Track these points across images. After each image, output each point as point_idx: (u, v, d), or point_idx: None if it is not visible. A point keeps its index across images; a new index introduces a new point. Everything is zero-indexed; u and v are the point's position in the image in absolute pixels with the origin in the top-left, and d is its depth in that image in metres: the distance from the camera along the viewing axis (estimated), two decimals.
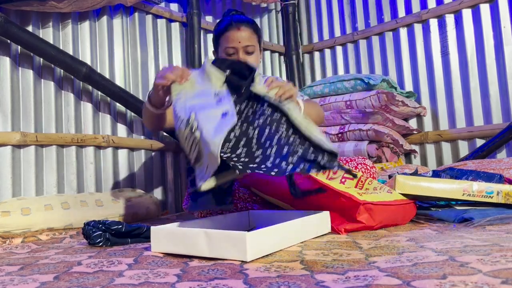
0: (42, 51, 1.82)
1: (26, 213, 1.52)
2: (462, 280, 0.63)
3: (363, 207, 1.20)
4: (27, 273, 0.87)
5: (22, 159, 1.80)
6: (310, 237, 1.12)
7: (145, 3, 2.34)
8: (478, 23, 2.44)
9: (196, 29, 2.53)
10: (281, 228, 1.01)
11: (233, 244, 0.89)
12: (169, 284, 0.73)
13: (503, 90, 2.35)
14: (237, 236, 0.89)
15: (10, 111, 1.78)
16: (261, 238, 0.92)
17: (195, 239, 0.95)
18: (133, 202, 1.87)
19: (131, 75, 2.29)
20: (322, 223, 1.18)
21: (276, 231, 0.98)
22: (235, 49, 1.58)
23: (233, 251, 0.89)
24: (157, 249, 1.02)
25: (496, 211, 1.32)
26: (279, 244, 0.98)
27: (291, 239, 1.04)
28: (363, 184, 1.42)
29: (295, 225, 1.07)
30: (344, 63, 3.02)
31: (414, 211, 1.37)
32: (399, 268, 0.74)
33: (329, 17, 3.12)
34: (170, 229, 1.01)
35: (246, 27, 1.59)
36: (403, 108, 2.46)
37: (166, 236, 1.01)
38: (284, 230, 1.02)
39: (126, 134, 2.22)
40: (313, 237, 1.12)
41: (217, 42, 1.64)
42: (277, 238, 0.98)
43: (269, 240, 0.95)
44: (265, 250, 0.93)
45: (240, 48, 1.58)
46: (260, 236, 0.92)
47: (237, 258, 0.88)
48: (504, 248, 0.83)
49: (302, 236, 1.09)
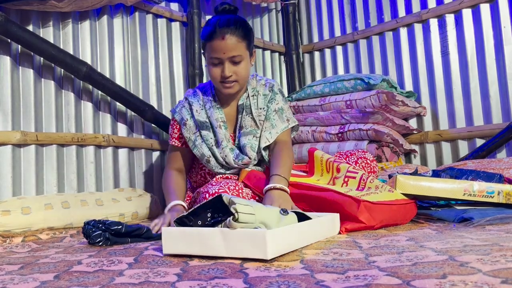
0: (42, 51, 1.82)
1: (26, 212, 1.52)
2: (462, 279, 0.63)
3: (363, 205, 1.21)
4: (27, 272, 0.87)
5: (23, 158, 1.80)
6: (324, 237, 1.12)
7: (145, 3, 2.34)
8: (478, 23, 2.44)
9: (197, 28, 2.53)
10: (300, 227, 1.02)
11: (253, 242, 0.87)
12: (169, 283, 0.73)
13: (503, 90, 2.35)
14: (256, 234, 0.87)
15: (11, 111, 1.78)
16: (280, 236, 0.91)
17: (211, 239, 0.92)
18: (133, 202, 1.87)
19: (132, 74, 2.29)
20: (334, 224, 1.20)
21: (294, 230, 0.98)
22: (220, 60, 1.52)
23: (253, 249, 0.87)
24: (169, 251, 0.97)
25: (496, 211, 1.32)
26: (296, 243, 0.98)
27: (308, 239, 1.04)
28: (365, 182, 1.43)
29: (312, 225, 1.08)
30: (344, 62, 3.02)
31: (415, 211, 1.38)
32: (399, 267, 0.74)
33: (329, 16, 3.12)
34: (183, 229, 0.97)
35: (231, 35, 1.49)
36: (403, 108, 2.46)
37: (179, 236, 0.96)
38: (302, 229, 1.02)
39: (126, 134, 2.22)
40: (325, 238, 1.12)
41: (203, 46, 1.58)
42: (295, 237, 0.98)
43: (288, 239, 0.94)
44: (284, 248, 0.92)
45: (225, 59, 1.51)
46: (279, 234, 0.91)
47: (257, 256, 0.86)
48: (504, 247, 0.83)
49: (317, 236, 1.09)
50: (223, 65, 1.52)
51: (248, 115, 1.66)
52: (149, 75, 2.37)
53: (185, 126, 1.67)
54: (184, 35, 2.57)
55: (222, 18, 1.54)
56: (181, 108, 1.71)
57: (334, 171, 1.53)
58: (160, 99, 2.40)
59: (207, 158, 1.63)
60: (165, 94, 2.43)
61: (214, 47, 1.50)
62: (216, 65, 1.54)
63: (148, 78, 2.36)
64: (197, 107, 1.68)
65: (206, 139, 1.64)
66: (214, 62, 1.53)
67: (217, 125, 1.65)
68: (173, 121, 1.73)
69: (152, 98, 2.36)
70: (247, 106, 1.67)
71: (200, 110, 1.68)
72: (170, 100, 2.45)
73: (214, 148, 1.63)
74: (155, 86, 2.38)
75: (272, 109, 1.68)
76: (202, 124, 1.65)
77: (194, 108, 1.68)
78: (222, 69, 1.53)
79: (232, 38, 1.49)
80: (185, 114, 1.68)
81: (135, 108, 2.16)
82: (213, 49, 1.51)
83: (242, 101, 1.68)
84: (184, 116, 1.68)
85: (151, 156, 2.33)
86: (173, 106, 2.47)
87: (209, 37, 1.51)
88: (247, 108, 1.67)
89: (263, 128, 1.67)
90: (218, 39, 1.49)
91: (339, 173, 1.52)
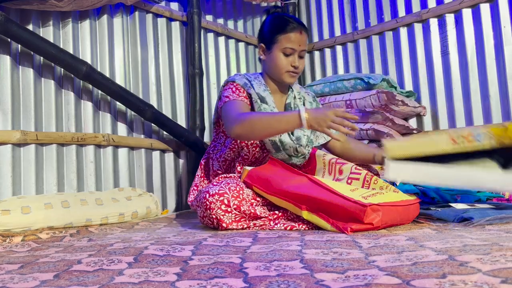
0: (42, 50, 1.82)
1: (26, 212, 1.52)
2: (461, 279, 0.63)
3: (369, 209, 1.20)
4: (27, 271, 0.87)
5: (22, 158, 1.80)
6: None
7: (145, 2, 2.34)
8: (478, 23, 2.44)
9: (197, 28, 2.53)
10: None
11: None
12: (169, 282, 0.73)
13: (503, 90, 2.35)
14: None
15: (11, 110, 1.78)
16: None
17: None
18: (133, 201, 1.87)
19: (131, 74, 2.29)
20: None
21: None
22: (294, 51, 1.65)
23: None
24: None
25: (495, 211, 1.32)
26: None
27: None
28: (369, 183, 1.42)
29: None
30: (344, 62, 3.02)
31: (418, 211, 1.38)
32: (398, 267, 0.74)
33: (329, 16, 3.12)
34: None
35: (305, 32, 1.67)
36: (403, 108, 2.46)
37: None
38: None
39: (126, 133, 2.22)
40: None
41: (271, 38, 1.66)
42: None
43: None
44: None
45: (298, 51, 1.65)
46: None
47: None
48: (504, 247, 0.83)
49: None
50: (293, 56, 1.66)
51: None
52: (149, 74, 2.37)
53: (251, 89, 1.67)
54: (184, 34, 2.57)
55: (291, 16, 1.73)
56: (241, 78, 1.72)
57: (337, 173, 1.53)
58: (160, 99, 2.40)
59: None
60: (165, 93, 2.43)
61: (293, 38, 1.64)
62: (287, 55, 1.66)
63: (148, 78, 2.36)
64: (256, 84, 1.71)
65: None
66: (287, 52, 1.65)
67: (274, 106, 1.69)
68: (235, 84, 1.68)
69: (152, 97, 2.36)
70: (296, 105, 1.78)
71: (258, 88, 1.70)
72: (170, 100, 2.45)
73: None
74: (155, 85, 2.38)
75: None
76: (263, 98, 1.68)
77: (253, 84, 1.71)
78: (293, 60, 1.66)
79: (305, 35, 1.68)
80: (247, 82, 1.70)
81: (135, 107, 2.16)
82: (290, 40, 1.63)
83: (290, 100, 1.78)
84: (247, 82, 1.69)
85: (151, 156, 2.33)
86: (173, 105, 2.47)
87: (286, 29, 1.64)
88: (297, 107, 1.76)
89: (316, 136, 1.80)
90: (297, 32, 1.64)
91: (341, 175, 1.52)
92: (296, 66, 1.67)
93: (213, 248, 1.03)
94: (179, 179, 2.45)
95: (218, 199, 1.39)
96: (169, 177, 2.39)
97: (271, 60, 1.68)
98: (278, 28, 1.66)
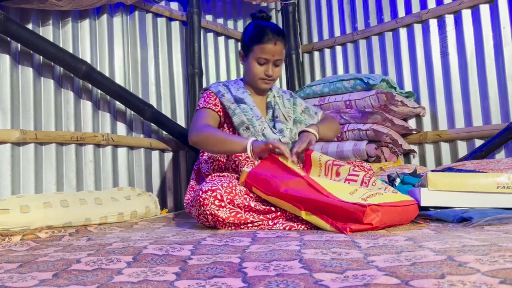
0: (42, 49, 1.82)
1: (25, 211, 1.52)
2: (460, 279, 0.63)
3: (369, 209, 1.20)
4: (26, 270, 0.87)
5: (22, 157, 1.80)
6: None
7: (145, 2, 2.34)
8: (478, 23, 2.45)
9: (196, 28, 2.53)
10: None
11: None
12: (168, 282, 0.73)
13: (502, 90, 2.35)
14: None
15: (10, 109, 1.78)
16: None
17: None
18: (132, 201, 1.87)
19: (131, 73, 2.29)
20: None
21: None
22: (267, 61, 1.73)
23: None
24: None
25: (495, 211, 1.32)
26: None
27: None
28: (367, 185, 1.42)
29: None
30: (343, 63, 3.03)
31: (417, 211, 1.38)
32: (397, 267, 0.74)
33: (329, 17, 3.12)
34: None
35: (280, 43, 1.72)
36: (403, 108, 2.46)
37: None
38: None
39: (125, 133, 2.22)
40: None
41: (248, 46, 1.74)
42: None
43: None
44: None
45: (271, 61, 1.73)
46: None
47: None
48: (503, 248, 0.83)
49: None
50: (267, 65, 1.74)
51: (279, 110, 1.83)
52: (149, 74, 2.37)
53: (224, 97, 1.76)
54: (184, 34, 2.57)
55: (270, 25, 1.75)
56: (216, 86, 1.82)
57: (334, 175, 1.52)
58: (159, 98, 2.40)
59: (247, 125, 1.71)
60: (165, 93, 2.43)
61: (266, 49, 1.71)
62: (262, 64, 1.74)
63: (147, 77, 2.36)
64: (233, 88, 1.81)
65: (245, 111, 1.75)
66: (261, 62, 1.73)
67: (253, 105, 1.78)
68: (208, 92, 1.80)
69: (152, 97, 2.36)
70: (276, 103, 1.86)
71: (236, 91, 1.80)
72: (169, 99, 2.45)
73: (253, 119, 1.73)
74: (154, 85, 2.38)
75: (299, 112, 1.89)
76: (240, 99, 1.77)
77: (230, 88, 1.80)
78: (266, 68, 1.74)
79: (280, 45, 1.73)
80: (222, 89, 1.79)
81: (135, 107, 2.16)
82: (264, 51, 1.71)
83: (270, 99, 1.87)
84: (221, 90, 1.79)
85: (150, 155, 2.33)
86: (172, 105, 2.47)
87: (262, 40, 1.70)
88: (276, 104, 1.85)
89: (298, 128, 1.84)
90: (271, 44, 1.70)
91: (338, 177, 1.51)
92: (269, 75, 1.75)
93: (212, 248, 1.03)
94: (178, 179, 2.45)
95: (211, 195, 1.40)
96: (168, 176, 2.39)
97: (248, 67, 1.78)
98: (254, 38, 1.73)
